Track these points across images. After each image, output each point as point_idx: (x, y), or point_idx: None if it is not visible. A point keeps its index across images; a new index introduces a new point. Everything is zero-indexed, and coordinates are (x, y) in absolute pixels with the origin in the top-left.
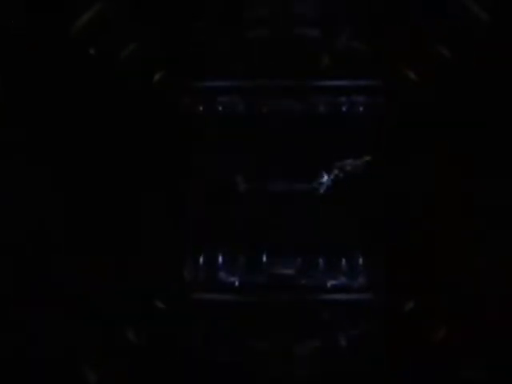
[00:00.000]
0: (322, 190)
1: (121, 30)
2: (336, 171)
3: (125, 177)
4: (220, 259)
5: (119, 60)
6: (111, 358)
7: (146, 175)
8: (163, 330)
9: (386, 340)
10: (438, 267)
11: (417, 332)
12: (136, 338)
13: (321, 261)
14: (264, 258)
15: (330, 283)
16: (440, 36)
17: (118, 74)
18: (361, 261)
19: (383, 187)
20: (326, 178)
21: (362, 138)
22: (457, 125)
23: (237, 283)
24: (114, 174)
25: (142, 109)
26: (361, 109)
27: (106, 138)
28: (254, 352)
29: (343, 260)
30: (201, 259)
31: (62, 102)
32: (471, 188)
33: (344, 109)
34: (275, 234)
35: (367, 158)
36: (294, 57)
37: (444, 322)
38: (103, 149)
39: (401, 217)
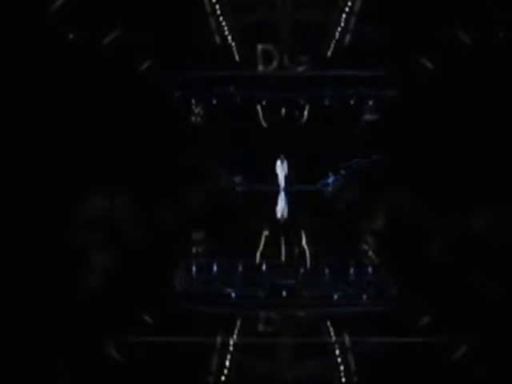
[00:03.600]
0: (326, 192)
1: (104, 13)
2: (343, 171)
3: (110, 178)
4: (215, 268)
5: (102, 47)
6: (90, 375)
7: (133, 175)
8: (149, 345)
9: (398, 357)
10: (457, 277)
11: (433, 349)
12: (117, 354)
13: (326, 270)
14: (264, 267)
15: (336, 295)
16: (460, 21)
17: (100, 61)
18: (370, 270)
19: (393, 190)
20: (331, 178)
21: (370, 134)
22: (476, 121)
23: (233, 295)
24: (97, 173)
25: (127, 100)
26: (370, 102)
27: (87, 134)
28: (253, 370)
29: (351, 269)
30: (193, 268)
31: (40, 89)
32: (488, 192)
33: (351, 102)
34: (276, 240)
35: (376, 156)
36: (295, 45)
37: (464, 338)
38: (86, 147)
39: (413, 222)
